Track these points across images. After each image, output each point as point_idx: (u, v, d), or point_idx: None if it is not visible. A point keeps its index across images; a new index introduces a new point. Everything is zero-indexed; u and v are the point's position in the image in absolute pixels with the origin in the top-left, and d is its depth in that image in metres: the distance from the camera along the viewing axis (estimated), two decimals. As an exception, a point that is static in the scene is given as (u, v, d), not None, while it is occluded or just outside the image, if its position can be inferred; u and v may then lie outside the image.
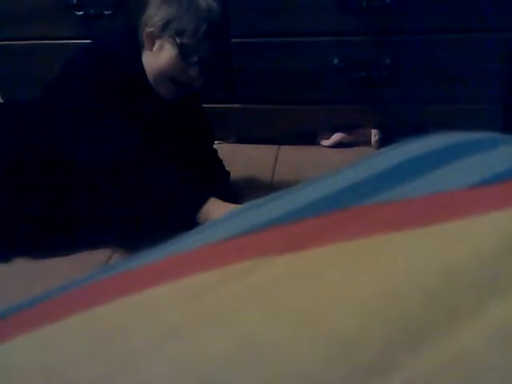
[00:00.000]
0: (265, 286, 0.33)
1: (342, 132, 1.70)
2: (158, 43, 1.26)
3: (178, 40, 1.22)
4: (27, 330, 0.35)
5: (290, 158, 1.67)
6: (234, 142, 1.77)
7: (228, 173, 1.47)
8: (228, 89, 1.67)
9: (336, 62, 1.57)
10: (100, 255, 1.23)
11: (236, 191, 1.43)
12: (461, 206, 0.37)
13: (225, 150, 1.54)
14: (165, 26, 1.24)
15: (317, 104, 1.67)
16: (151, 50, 1.26)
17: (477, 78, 1.54)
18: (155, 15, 1.25)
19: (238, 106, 1.70)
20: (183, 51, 1.23)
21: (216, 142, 1.61)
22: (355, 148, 1.70)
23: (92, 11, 1.66)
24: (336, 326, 0.28)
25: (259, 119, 1.70)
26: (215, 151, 1.49)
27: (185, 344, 0.30)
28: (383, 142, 1.66)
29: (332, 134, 1.72)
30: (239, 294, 0.33)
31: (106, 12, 1.64)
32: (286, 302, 0.32)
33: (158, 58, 1.26)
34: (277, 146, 1.74)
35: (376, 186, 0.43)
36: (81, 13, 1.66)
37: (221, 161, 1.48)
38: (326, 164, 1.60)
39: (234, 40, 1.57)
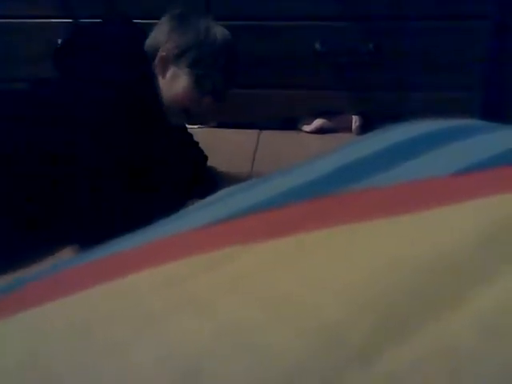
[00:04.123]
0: (247, 273, 0.33)
1: (323, 118, 1.70)
2: (171, 71, 1.24)
3: (193, 70, 1.22)
4: (4, 315, 0.35)
5: (270, 143, 1.67)
6: (214, 127, 1.76)
7: (206, 157, 1.46)
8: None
9: (317, 46, 1.57)
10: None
11: (215, 176, 1.42)
12: (443, 194, 0.37)
13: (205, 135, 1.53)
14: (181, 53, 1.23)
15: (298, 89, 1.67)
16: (163, 76, 1.24)
17: (458, 65, 1.54)
18: (168, 41, 1.24)
19: (218, 90, 1.69)
20: (199, 82, 1.22)
21: (196, 126, 1.60)
22: (336, 134, 1.70)
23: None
24: (320, 315, 0.28)
25: (240, 104, 1.69)
26: (190, 135, 1.47)
27: (166, 332, 0.29)
28: (364, 129, 1.66)
29: (313, 120, 1.71)
30: (221, 282, 0.32)
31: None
32: (267, 289, 0.31)
33: (172, 87, 1.24)
34: (257, 131, 1.74)
35: (357, 173, 0.43)
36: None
37: (197, 144, 1.46)
38: (307, 150, 1.60)
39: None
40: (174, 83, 1.24)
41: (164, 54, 1.23)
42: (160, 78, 1.24)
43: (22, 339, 0.32)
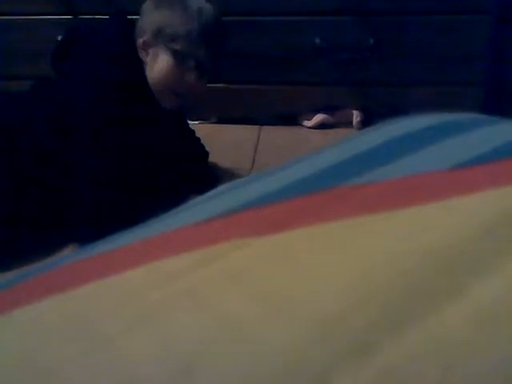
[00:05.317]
0: (244, 268, 0.33)
1: (323, 113, 1.70)
2: (151, 52, 1.22)
3: (171, 46, 1.20)
4: (1, 312, 0.35)
5: (271, 139, 1.66)
6: (215, 122, 1.76)
7: (207, 153, 1.46)
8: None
9: (318, 42, 1.56)
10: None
11: (216, 172, 1.42)
12: (441, 188, 0.37)
13: (206, 131, 1.53)
14: (157, 33, 1.21)
15: (298, 85, 1.66)
16: (147, 61, 1.23)
17: (458, 60, 1.54)
18: (148, 24, 1.23)
19: (219, 85, 1.68)
20: (178, 57, 1.20)
21: (197, 122, 1.60)
22: (337, 129, 1.69)
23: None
24: (317, 310, 0.28)
25: (241, 99, 1.69)
26: (192, 131, 1.47)
27: (162, 327, 0.29)
28: (365, 124, 1.65)
29: (314, 115, 1.71)
30: (218, 277, 0.32)
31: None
32: (265, 284, 0.31)
33: (154, 68, 1.22)
34: (258, 127, 1.73)
35: (356, 168, 0.43)
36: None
37: (198, 140, 1.46)
38: (308, 145, 1.59)
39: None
40: (156, 63, 1.22)
41: (144, 38, 1.22)
42: (146, 64, 1.23)
43: (19, 338, 0.32)
